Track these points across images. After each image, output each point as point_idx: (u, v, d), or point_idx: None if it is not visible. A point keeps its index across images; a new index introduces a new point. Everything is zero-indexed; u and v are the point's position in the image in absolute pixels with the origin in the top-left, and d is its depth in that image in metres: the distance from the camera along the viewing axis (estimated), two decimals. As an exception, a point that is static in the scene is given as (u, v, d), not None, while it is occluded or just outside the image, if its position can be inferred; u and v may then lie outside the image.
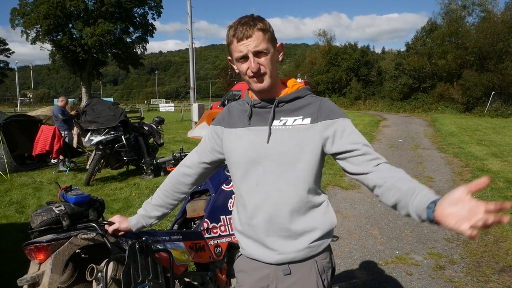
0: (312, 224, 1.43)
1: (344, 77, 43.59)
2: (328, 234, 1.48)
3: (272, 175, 1.40)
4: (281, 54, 1.46)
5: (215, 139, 1.60)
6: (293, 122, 1.40)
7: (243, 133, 1.47)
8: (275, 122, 1.42)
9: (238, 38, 1.34)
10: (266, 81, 1.39)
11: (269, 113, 1.43)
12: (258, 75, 1.37)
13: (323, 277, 1.45)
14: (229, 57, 1.47)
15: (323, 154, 1.42)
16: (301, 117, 1.41)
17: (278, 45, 1.43)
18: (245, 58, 1.36)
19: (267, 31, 1.37)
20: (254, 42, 1.33)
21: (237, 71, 1.46)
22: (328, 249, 1.50)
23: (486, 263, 3.78)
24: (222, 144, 1.57)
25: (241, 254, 1.62)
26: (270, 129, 1.41)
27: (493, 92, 26.43)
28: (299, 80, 19.98)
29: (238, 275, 1.61)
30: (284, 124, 1.41)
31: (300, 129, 1.39)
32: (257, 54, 1.35)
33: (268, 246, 1.45)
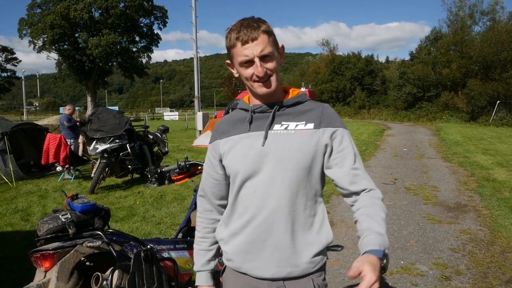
0: (310, 236, 1.36)
1: (348, 86, 43.67)
2: (325, 251, 1.41)
3: (271, 180, 1.33)
4: (282, 56, 1.41)
5: (215, 158, 1.47)
6: (296, 127, 1.35)
7: (240, 139, 1.40)
8: (276, 126, 1.37)
9: (243, 41, 1.28)
10: (273, 84, 1.34)
11: (269, 117, 1.38)
12: (265, 80, 1.32)
13: None
14: (228, 61, 1.41)
15: (323, 161, 1.37)
16: (304, 122, 1.36)
17: (280, 47, 1.39)
18: (250, 62, 1.30)
19: (271, 33, 1.32)
20: (260, 45, 1.28)
21: (236, 75, 1.42)
22: (324, 267, 1.42)
23: (493, 274, 3.73)
24: (223, 158, 1.46)
25: (225, 266, 1.51)
26: (266, 132, 1.35)
27: (498, 101, 26.35)
28: (303, 89, 20.04)
29: None
30: (285, 129, 1.36)
31: (303, 134, 1.34)
32: (263, 58, 1.29)
33: (261, 259, 1.35)
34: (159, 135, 8.78)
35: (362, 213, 1.28)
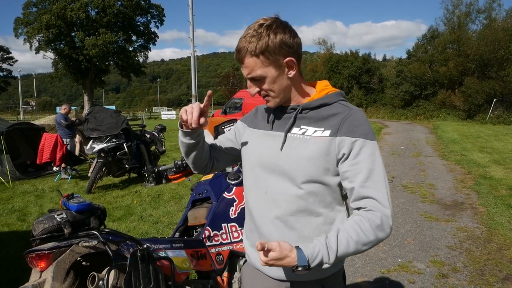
0: None
1: (345, 84, 43.71)
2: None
3: (284, 184, 1.30)
4: (293, 69, 1.29)
5: (235, 133, 1.58)
6: (313, 133, 1.28)
7: (263, 136, 1.41)
8: (295, 130, 1.32)
9: (238, 60, 1.30)
10: (272, 102, 1.33)
11: (290, 119, 1.34)
12: (264, 96, 1.34)
13: None
14: None
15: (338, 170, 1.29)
16: (323, 128, 1.27)
17: (284, 61, 1.26)
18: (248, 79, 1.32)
19: (263, 52, 1.22)
20: (247, 69, 1.27)
21: None
22: (339, 273, 1.38)
23: (490, 271, 3.75)
24: (240, 141, 1.54)
25: (246, 260, 1.59)
26: (285, 136, 1.32)
27: (494, 99, 26.44)
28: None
29: (243, 281, 1.58)
30: (303, 134, 1.30)
31: (317, 141, 1.26)
32: (253, 79, 1.29)
33: None
34: (156, 134, 8.75)
35: (337, 226, 1.20)
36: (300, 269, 1.09)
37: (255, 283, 1.46)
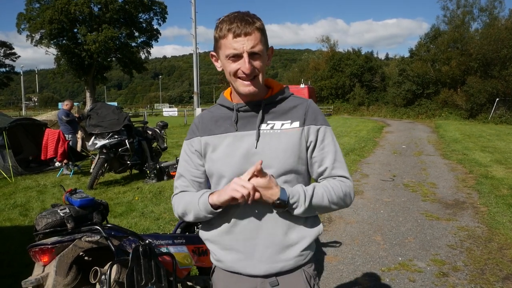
0: (303, 232, 1.35)
1: (347, 82, 43.64)
2: (315, 242, 1.42)
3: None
4: (270, 58, 1.38)
5: (195, 154, 1.43)
6: (281, 126, 1.33)
7: (227, 139, 1.35)
8: (262, 126, 1.34)
9: (235, 34, 1.23)
10: (257, 85, 1.30)
11: (255, 117, 1.34)
12: (250, 78, 1.28)
13: (312, 283, 1.39)
14: (213, 53, 1.37)
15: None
16: (289, 121, 1.34)
17: (269, 49, 1.36)
18: (237, 56, 1.26)
19: (264, 32, 1.30)
20: (251, 41, 1.24)
21: (219, 69, 1.37)
22: (313, 258, 1.43)
23: (490, 271, 3.75)
24: (203, 158, 1.42)
25: (215, 267, 1.48)
26: (258, 132, 1.32)
27: (497, 99, 26.37)
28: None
29: None
30: (271, 128, 1.33)
31: (288, 133, 1.33)
32: (252, 55, 1.25)
33: (254, 257, 1.34)
34: (158, 131, 8.77)
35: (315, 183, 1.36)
36: (279, 202, 1.23)
37: None
